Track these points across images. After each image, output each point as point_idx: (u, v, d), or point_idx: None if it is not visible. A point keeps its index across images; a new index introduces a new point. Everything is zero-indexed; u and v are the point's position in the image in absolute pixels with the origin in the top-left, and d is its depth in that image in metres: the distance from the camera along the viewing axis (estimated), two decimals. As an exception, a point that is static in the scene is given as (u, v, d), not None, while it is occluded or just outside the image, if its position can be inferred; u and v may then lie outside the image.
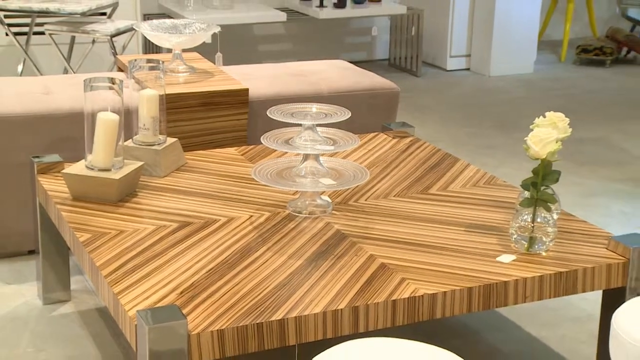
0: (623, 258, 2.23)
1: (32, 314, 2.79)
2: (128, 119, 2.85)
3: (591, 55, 6.25)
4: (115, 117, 2.51)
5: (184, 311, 1.91)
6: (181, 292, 2.01)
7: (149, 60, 2.81)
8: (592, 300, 2.90)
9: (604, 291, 2.31)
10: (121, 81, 2.54)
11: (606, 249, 2.29)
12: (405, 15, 5.88)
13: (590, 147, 4.53)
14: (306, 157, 2.45)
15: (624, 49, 6.40)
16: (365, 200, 2.58)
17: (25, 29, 4.66)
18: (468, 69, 6.11)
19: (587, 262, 2.21)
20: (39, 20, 4.59)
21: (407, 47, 5.97)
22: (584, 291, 2.21)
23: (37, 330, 2.70)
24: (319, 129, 2.47)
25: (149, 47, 5.08)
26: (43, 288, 2.83)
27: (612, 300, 2.27)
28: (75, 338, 2.66)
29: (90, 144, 2.54)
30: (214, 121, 3.18)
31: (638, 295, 2.23)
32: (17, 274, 3.03)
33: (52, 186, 2.62)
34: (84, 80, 2.52)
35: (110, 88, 2.53)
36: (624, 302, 2.12)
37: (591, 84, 5.84)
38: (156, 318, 1.83)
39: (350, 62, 3.93)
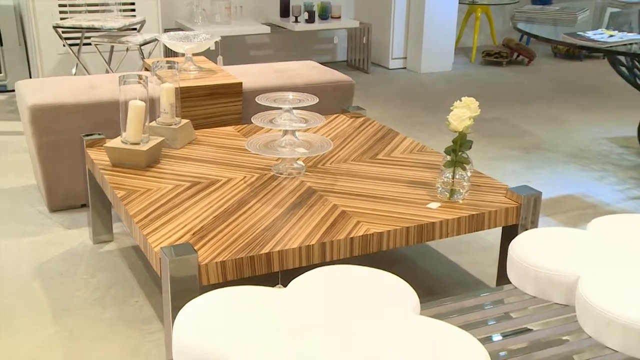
0: (517, 203, 2.22)
1: (86, 250, 2.74)
2: (152, 106, 2.79)
3: (492, 58, 6.24)
4: (143, 104, 2.45)
5: (196, 247, 1.88)
6: (193, 234, 1.97)
7: (167, 62, 2.74)
8: (495, 234, 2.90)
9: (503, 227, 2.30)
10: (147, 77, 2.48)
11: (505, 197, 2.27)
12: (358, 28, 5.81)
13: (492, 123, 4.51)
14: (285, 132, 2.41)
15: (515, 54, 6.41)
16: (330, 164, 2.54)
17: (77, 41, 4.57)
18: (405, 68, 6.06)
19: (491, 207, 2.19)
20: (87, 34, 4.51)
21: (360, 51, 5.91)
22: (489, 228, 2.20)
23: (90, 262, 2.65)
24: (295, 111, 2.43)
25: (168, 52, 4.99)
26: (93, 232, 2.78)
27: (509, 234, 2.27)
28: (117, 268, 2.62)
29: (124, 124, 2.48)
30: (216, 107, 3.12)
31: (526, 230, 2.23)
32: (74, 221, 2.98)
33: (97, 156, 2.56)
34: (119, 77, 2.46)
35: (139, 82, 2.47)
36: (517, 235, 2.12)
37: (492, 78, 5.82)
38: (175, 253, 1.79)
39: (318, 62, 3.87)
